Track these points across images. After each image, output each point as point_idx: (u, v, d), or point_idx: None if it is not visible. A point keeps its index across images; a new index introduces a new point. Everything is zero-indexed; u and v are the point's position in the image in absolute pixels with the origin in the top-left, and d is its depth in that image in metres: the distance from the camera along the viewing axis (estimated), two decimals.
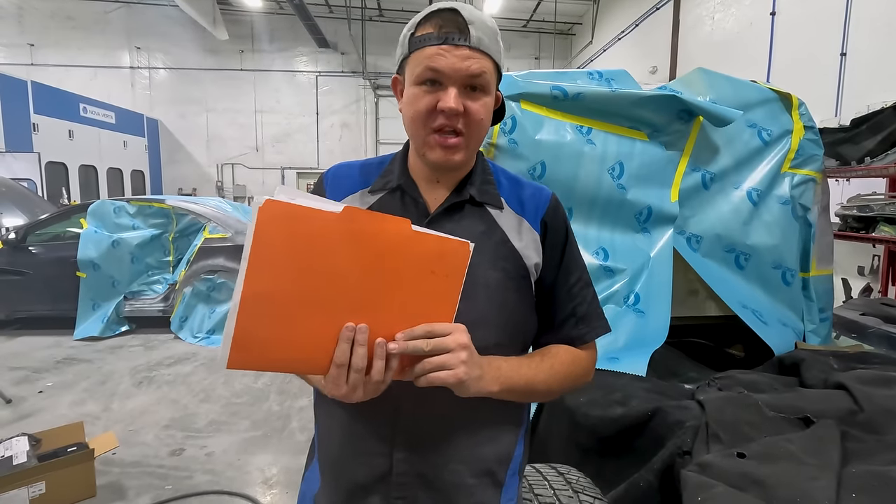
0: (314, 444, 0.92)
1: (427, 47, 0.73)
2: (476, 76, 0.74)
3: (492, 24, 0.76)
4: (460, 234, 0.72)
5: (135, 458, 2.86)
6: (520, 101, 1.95)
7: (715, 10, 8.34)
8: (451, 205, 0.82)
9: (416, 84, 0.75)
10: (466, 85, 0.74)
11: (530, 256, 0.84)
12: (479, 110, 0.75)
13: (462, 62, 0.72)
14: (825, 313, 2.14)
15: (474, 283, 0.76)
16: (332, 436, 0.83)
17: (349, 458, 0.81)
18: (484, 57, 0.74)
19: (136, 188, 13.33)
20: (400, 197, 0.83)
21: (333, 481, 0.84)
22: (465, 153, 0.78)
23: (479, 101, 0.75)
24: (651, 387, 1.56)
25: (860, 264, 4.97)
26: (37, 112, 10.04)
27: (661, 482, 1.17)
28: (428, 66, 0.73)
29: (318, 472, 0.88)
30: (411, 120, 0.77)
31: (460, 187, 0.84)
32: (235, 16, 14.34)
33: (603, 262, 1.93)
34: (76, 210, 5.54)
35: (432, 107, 0.74)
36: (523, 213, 0.87)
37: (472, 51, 0.73)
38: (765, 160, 2.14)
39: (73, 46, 14.20)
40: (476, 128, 0.77)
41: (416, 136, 0.78)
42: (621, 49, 11.94)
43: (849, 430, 1.19)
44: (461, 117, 0.74)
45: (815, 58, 6.02)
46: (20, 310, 5.32)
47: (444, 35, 0.72)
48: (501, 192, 0.87)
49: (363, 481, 0.80)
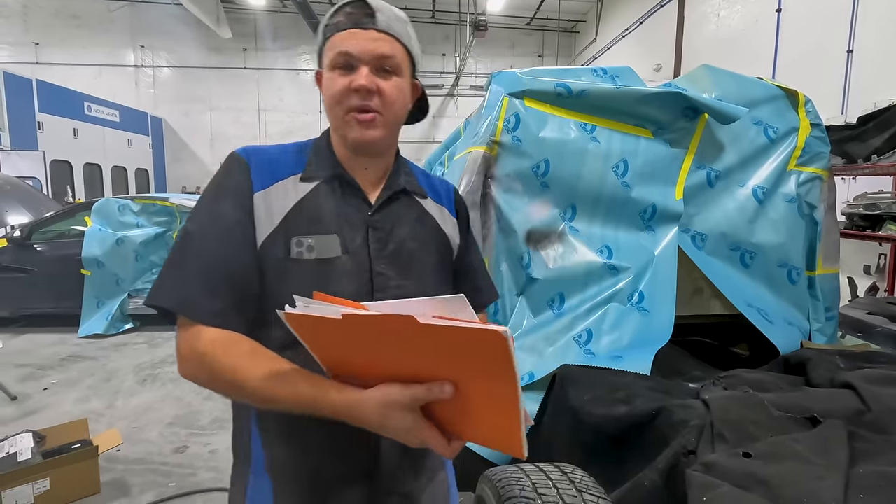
0: (251, 457, 0.84)
1: (338, 33, 0.77)
2: (386, 57, 0.78)
3: (400, 13, 0.81)
4: (403, 222, 0.85)
5: (139, 455, 2.87)
6: (523, 98, 1.94)
7: (720, 7, 8.29)
8: (390, 194, 0.87)
9: (331, 69, 0.78)
10: (378, 67, 0.78)
11: (454, 238, 0.95)
12: (391, 90, 0.79)
13: (371, 43, 0.77)
14: (831, 312, 2.13)
15: (418, 266, 0.86)
16: (302, 440, 0.81)
17: (329, 456, 0.82)
18: (393, 40, 0.79)
19: (141, 186, 13.37)
20: (339, 186, 0.84)
21: (307, 482, 0.82)
22: (381, 130, 0.81)
23: (390, 80, 0.79)
24: (655, 385, 1.55)
25: (866, 263, 4.93)
26: (42, 110, 10.08)
27: (666, 481, 1.16)
28: (340, 50, 0.77)
29: (266, 484, 0.83)
30: (329, 104, 0.80)
31: (391, 177, 0.89)
32: (239, 14, 14.36)
33: (607, 260, 1.92)
34: (80, 208, 5.57)
35: (346, 87, 0.77)
36: (441, 200, 0.96)
37: (380, 33, 0.77)
38: (771, 158, 2.12)
39: (77, 45, 14.24)
40: (391, 107, 0.80)
41: (334, 117, 0.81)
42: (625, 46, 11.90)
43: (856, 430, 1.17)
44: (375, 96, 0.78)
45: (822, 55, 5.98)
46: (25, 307, 5.35)
47: (352, 20, 0.77)
48: (420, 183, 0.95)
49: (348, 476, 0.83)
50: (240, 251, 0.76)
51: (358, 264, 0.81)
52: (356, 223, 0.83)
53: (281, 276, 0.78)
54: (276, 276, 0.78)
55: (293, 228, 0.79)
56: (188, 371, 0.73)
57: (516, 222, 1.90)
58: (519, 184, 1.93)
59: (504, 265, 1.93)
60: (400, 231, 0.86)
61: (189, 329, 0.73)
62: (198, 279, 0.73)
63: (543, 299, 1.91)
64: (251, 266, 0.77)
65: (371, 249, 0.82)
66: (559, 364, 1.72)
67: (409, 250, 0.86)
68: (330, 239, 0.80)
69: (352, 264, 0.81)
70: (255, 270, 0.77)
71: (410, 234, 0.87)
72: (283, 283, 0.77)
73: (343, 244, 0.81)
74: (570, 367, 1.69)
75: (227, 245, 0.76)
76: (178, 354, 0.74)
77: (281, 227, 0.79)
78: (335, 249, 0.80)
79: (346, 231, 0.82)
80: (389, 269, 0.83)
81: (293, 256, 0.78)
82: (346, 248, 0.81)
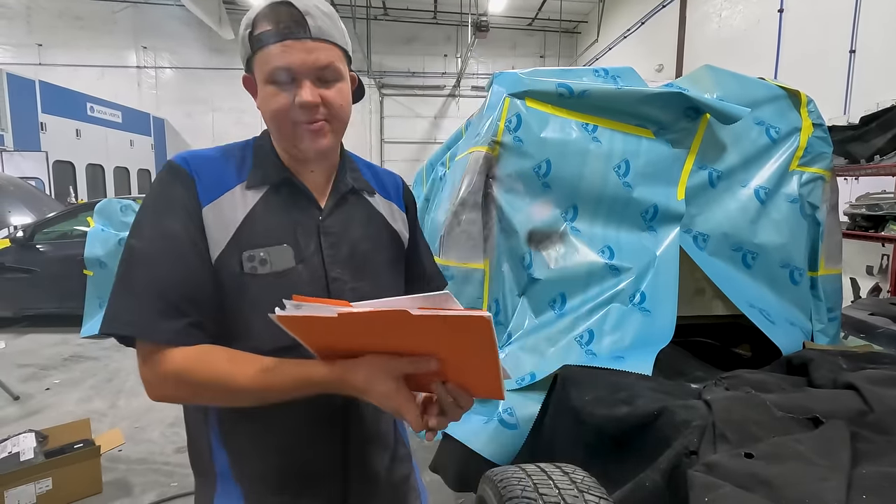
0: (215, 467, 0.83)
1: (270, 45, 0.73)
2: (325, 67, 0.75)
3: (327, 9, 0.76)
4: (354, 224, 0.85)
5: (140, 455, 2.88)
6: (525, 98, 1.94)
7: (722, 7, 8.28)
8: (339, 197, 0.86)
9: (268, 83, 0.75)
10: (318, 77, 0.75)
11: (403, 233, 0.96)
12: (335, 97, 0.77)
13: (308, 55, 0.73)
14: (834, 313, 2.12)
15: (372, 267, 0.87)
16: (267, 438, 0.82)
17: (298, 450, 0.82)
18: (329, 46, 0.75)
19: (143, 187, 13.40)
20: (288, 193, 0.82)
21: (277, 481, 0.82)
22: (332, 136, 0.80)
23: (333, 88, 0.77)
24: (657, 386, 1.54)
25: (869, 263, 4.91)
26: (45, 111, 10.11)
27: (668, 482, 1.15)
28: (275, 65, 0.73)
29: (234, 490, 0.82)
30: (272, 118, 0.77)
31: (338, 177, 0.87)
32: (241, 15, 14.29)
33: (608, 260, 1.92)
34: (83, 208, 5.58)
35: (290, 103, 0.74)
36: (389, 196, 0.96)
37: (315, 42, 0.74)
38: (773, 158, 2.11)
39: (80, 46, 14.29)
40: (337, 113, 0.79)
41: (281, 132, 0.78)
42: (627, 47, 11.89)
43: (859, 431, 1.17)
44: (321, 106, 0.76)
45: (824, 55, 5.97)
46: (28, 307, 5.36)
47: (283, 31, 0.72)
48: (367, 179, 0.94)
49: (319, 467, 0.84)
50: (195, 269, 0.74)
51: (312, 272, 0.81)
52: (308, 230, 0.82)
53: (239, 292, 0.76)
54: (234, 291, 0.76)
55: (245, 242, 0.77)
56: (164, 393, 0.72)
57: (518, 223, 1.89)
58: (520, 184, 1.93)
59: (506, 265, 1.93)
60: (352, 233, 0.86)
61: (154, 353, 0.70)
62: (153, 301, 0.70)
63: (545, 300, 1.91)
64: (208, 282, 0.75)
65: (325, 256, 0.82)
66: (561, 364, 1.72)
67: (363, 252, 0.86)
68: (283, 250, 0.79)
69: (307, 273, 0.80)
70: (212, 287, 0.75)
71: (362, 235, 0.87)
72: (241, 299, 0.76)
73: (297, 254, 0.80)
74: (571, 368, 1.69)
75: (180, 263, 0.73)
76: (144, 381, 0.72)
77: (233, 241, 0.77)
78: (289, 260, 0.79)
79: (299, 239, 0.80)
80: (344, 272, 0.83)
81: (247, 271, 0.76)
82: (301, 257, 0.80)
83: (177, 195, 0.76)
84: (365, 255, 0.86)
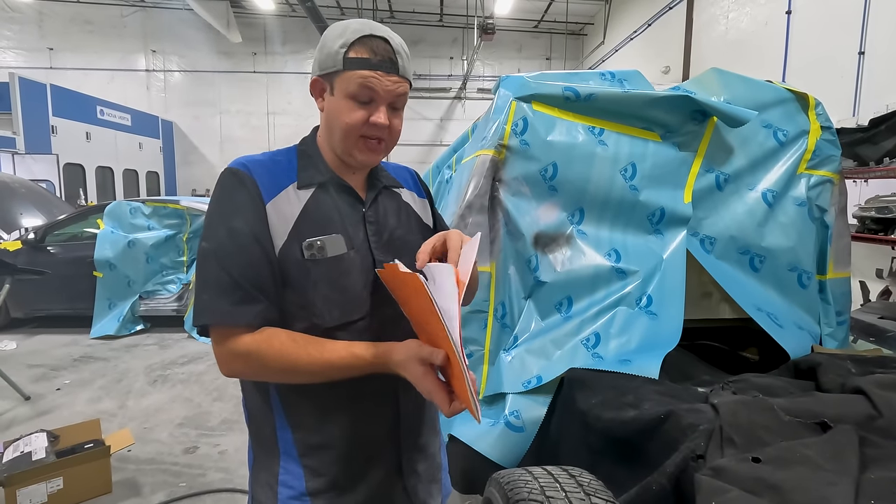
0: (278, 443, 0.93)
1: (364, 70, 0.86)
2: (401, 96, 0.91)
3: (407, 50, 0.92)
4: (390, 214, 1.00)
5: (149, 455, 2.91)
6: (531, 102, 1.94)
7: (729, 9, 8.24)
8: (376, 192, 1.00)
9: (349, 98, 0.87)
10: (392, 104, 0.90)
11: (429, 220, 1.11)
12: (399, 125, 0.93)
13: (393, 86, 0.88)
14: (842, 316, 2.11)
15: (408, 250, 0.95)
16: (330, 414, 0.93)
17: (358, 423, 0.94)
18: (406, 82, 0.91)
19: (151, 189, 13.53)
20: (335, 190, 0.95)
21: (342, 453, 0.93)
22: (383, 154, 0.96)
23: (398, 116, 0.93)
24: (664, 389, 1.54)
25: (879, 267, 4.87)
26: (55, 114, 10.25)
27: (675, 486, 1.15)
28: (365, 85, 0.86)
29: (297, 466, 0.92)
30: (343, 127, 0.89)
31: (372, 176, 1.01)
32: (248, 19, 14.49)
33: (615, 263, 1.92)
34: (93, 211, 5.65)
35: (365, 120, 0.88)
36: (410, 187, 1.10)
37: (400, 78, 0.89)
38: (780, 161, 2.10)
39: (90, 50, 14.46)
40: (394, 136, 0.94)
41: (346, 140, 0.90)
42: (633, 49, 11.86)
43: (867, 436, 1.16)
44: (386, 129, 0.90)
45: (833, 57, 5.92)
46: (39, 308, 5.43)
47: (378, 62, 0.86)
48: (393, 176, 1.08)
49: (377, 438, 0.96)
50: (260, 261, 0.85)
51: (363, 256, 0.93)
52: (355, 221, 0.95)
53: (302, 276, 0.88)
54: (298, 276, 0.88)
55: (303, 233, 0.89)
56: (234, 370, 0.85)
57: (524, 226, 1.90)
58: (527, 187, 1.93)
59: (512, 268, 1.93)
60: (389, 222, 1.00)
61: (228, 336, 0.83)
62: (228, 293, 0.82)
63: (551, 302, 1.91)
64: (272, 272, 0.86)
65: (371, 242, 0.95)
66: (567, 367, 1.72)
67: (399, 237, 1.00)
68: (336, 239, 0.91)
69: (358, 257, 0.93)
70: (277, 274, 0.87)
71: (397, 223, 1.01)
72: (305, 282, 0.88)
73: (348, 241, 0.92)
74: (578, 371, 1.69)
75: (246, 257, 0.84)
76: (219, 360, 0.85)
77: (294, 233, 0.88)
78: (342, 247, 0.91)
79: (348, 229, 0.93)
80: (386, 256, 0.94)
81: (307, 258, 0.88)
82: (352, 244, 0.92)
83: (240, 197, 0.87)
84: (402, 240, 1.00)
